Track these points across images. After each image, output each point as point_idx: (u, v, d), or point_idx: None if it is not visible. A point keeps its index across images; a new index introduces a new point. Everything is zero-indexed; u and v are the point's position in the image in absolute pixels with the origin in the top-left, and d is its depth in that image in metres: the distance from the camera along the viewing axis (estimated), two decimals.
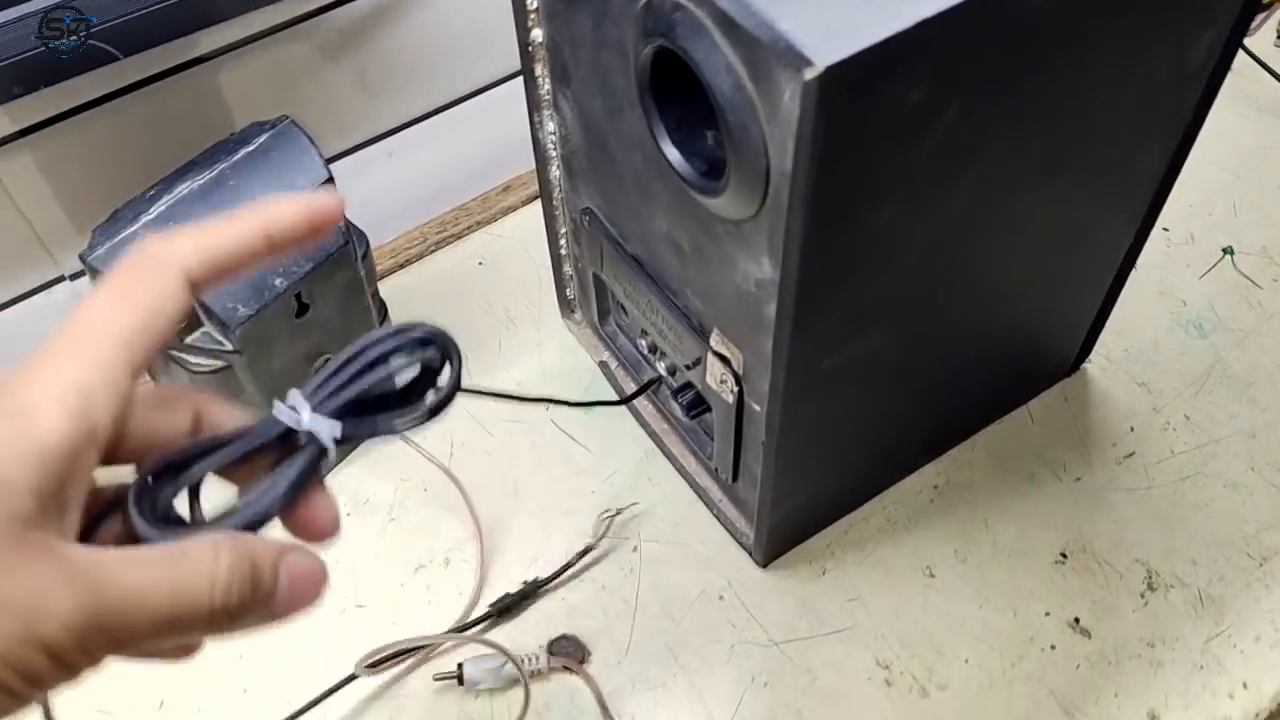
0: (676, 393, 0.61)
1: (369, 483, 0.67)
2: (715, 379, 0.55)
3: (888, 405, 0.58)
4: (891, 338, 0.52)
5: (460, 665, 0.59)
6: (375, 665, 0.57)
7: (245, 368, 0.56)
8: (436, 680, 0.59)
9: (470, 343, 0.74)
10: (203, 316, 0.54)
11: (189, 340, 0.55)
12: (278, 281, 0.54)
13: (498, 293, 0.77)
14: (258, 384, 0.57)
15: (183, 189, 0.54)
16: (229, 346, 0.54)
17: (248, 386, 0.57)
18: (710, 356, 0.55)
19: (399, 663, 0.59)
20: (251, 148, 0.56)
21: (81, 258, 0.52)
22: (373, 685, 0.59)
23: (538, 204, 0.81)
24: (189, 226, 0.30)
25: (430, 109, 0.77)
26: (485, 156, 0.81)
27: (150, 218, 0.53)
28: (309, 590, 0.30)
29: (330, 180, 0.57)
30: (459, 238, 0.79)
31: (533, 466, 0.68)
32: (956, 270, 0.52)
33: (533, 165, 0.81)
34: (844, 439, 0.58)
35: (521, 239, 0.79)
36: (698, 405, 0.60)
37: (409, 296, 0.74)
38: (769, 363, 0.49)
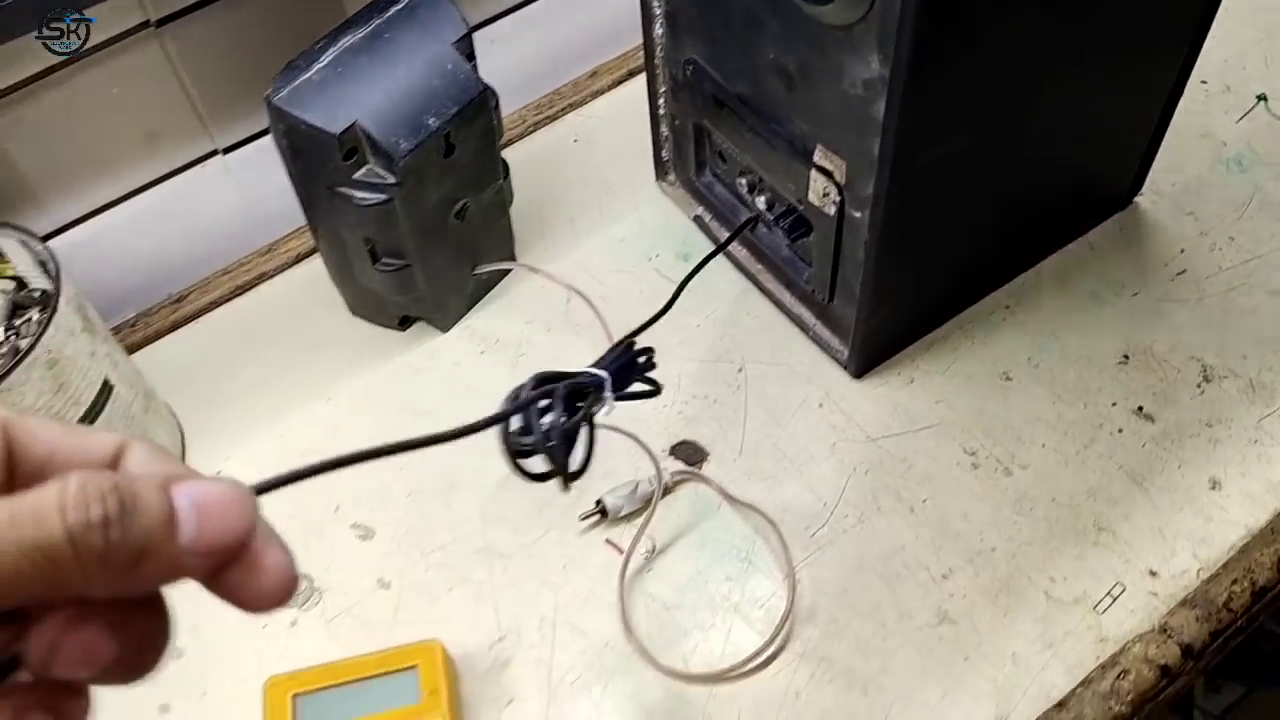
0: (778, 219, 0.68)
1: (498, 324, 0.75)
2: (818, 195, 0.63)
3: (969, 215, 0.65)
4: (976, 139, 0.59)
5: (599, 501, 0.66)
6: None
7: (402, 202, 0.63)
8: (582, 520, 0.66)
9: (573, 209, 0.82)
10: (368, 153, 0.62)
11: (356, 176, 0.62)
12: (431, 121, 0.62)
13: (594, 165, 0.84)
14: (410, 221, 0.65)
15: (345, 41, 0.62)
16: (391, 180, 0.62)
17: (403, 223, 0.65)
18: (814, 173, 0.62)
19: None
20: (400, 6, 0.63)
21: (266, 99, 0.60)
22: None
23: (624, 87, 0.89)
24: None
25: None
26: (574, 43, 0.88)
27: (321, 65, 0.61)
28: (230, 520, 0.26)
29: (469, 35, 0.65)
30: (554, 119, 0.87)
31: (641, 309, 0.76)
32: (1034, 79, 0.59)
33: (617, 51, 0.89)
34: (932, 249, 0.66)
35: (611, 118, 0.87)
36: (799, 228, 0.67)
37: (516, 170, 0.81)
38: (873, 162, 0.57)
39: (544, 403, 0.47)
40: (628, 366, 0.52)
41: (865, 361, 0.70)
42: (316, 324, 0.77)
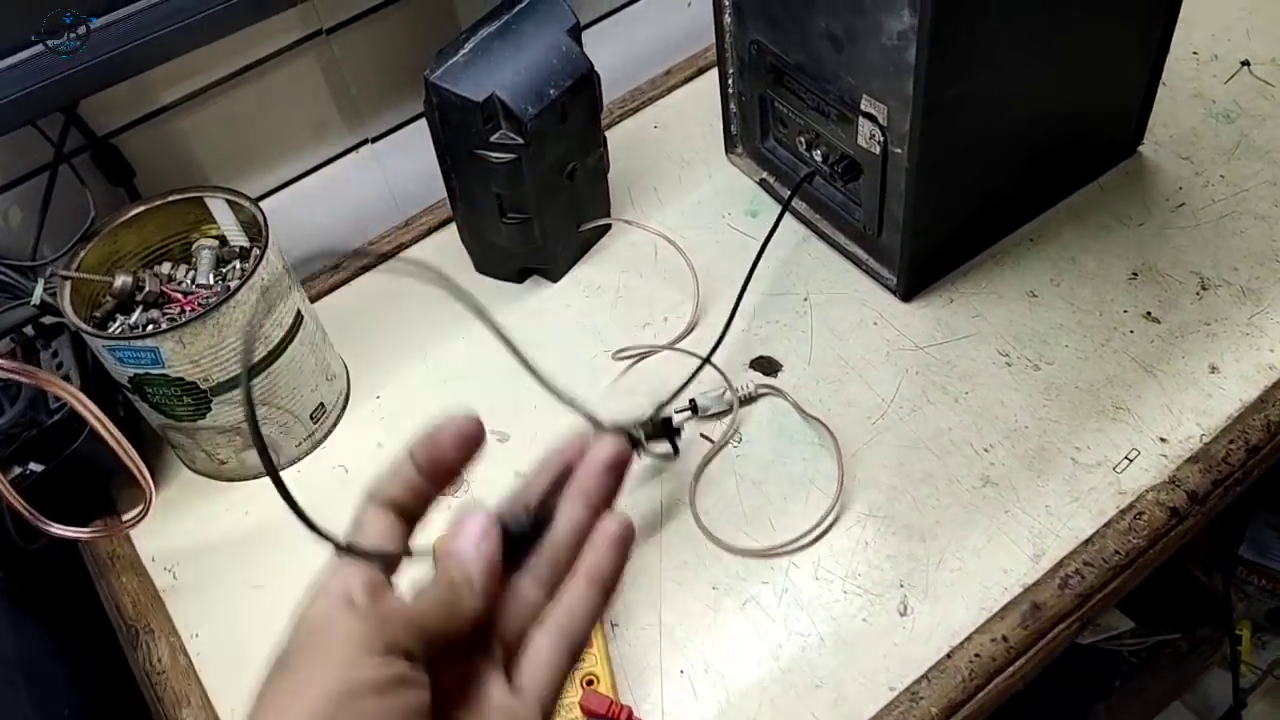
0: (833, 167, 0.82)
1: (599, 274, 0.90)
2: (865, 138, 0.77)
3: (993, 151, 0.79)
4: (992, 79, 0.73)
5: (692, 400, 0.80)
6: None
7: (528, 160, 0.78)
8: (677, 413, 0.80)
9: (658, 179, 0.97)
10: (502, 119, 0.77)
11: (493, 139, 0.77)
12: (551, 91, 0.77)
13: (672, 145, 0.99)
14: (532, 178, 0.80)
15: (483, 32, 0.77)
16: (520, 140, 0.77)
17: (527, 179, 0.79)
18: (861, 120, 0.76)
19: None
20: (523, 5, 0.79)
21: (424, 77, 0.75)
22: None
23: (694, 84, 1.04)
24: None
25: (611, 8, 1.00)
26: (650, 48, 1.04)
27: (465, 51, 0.76)
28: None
29: (578, 26, 0.80)
30: (636, 111, 1.02)
31: (719, 257, 0.90)
32: (1038, 30, 0.73)
33: (686, 55, 1.04)
34: (963, 181, 0.79)
35: (684, 108, 1.02)
36: (851, 172, 0.81)
37: (611, 149, 0.96)
38: (908, 100, 0.70)
39: None
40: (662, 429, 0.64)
41: (911, 285, 0.83)
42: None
